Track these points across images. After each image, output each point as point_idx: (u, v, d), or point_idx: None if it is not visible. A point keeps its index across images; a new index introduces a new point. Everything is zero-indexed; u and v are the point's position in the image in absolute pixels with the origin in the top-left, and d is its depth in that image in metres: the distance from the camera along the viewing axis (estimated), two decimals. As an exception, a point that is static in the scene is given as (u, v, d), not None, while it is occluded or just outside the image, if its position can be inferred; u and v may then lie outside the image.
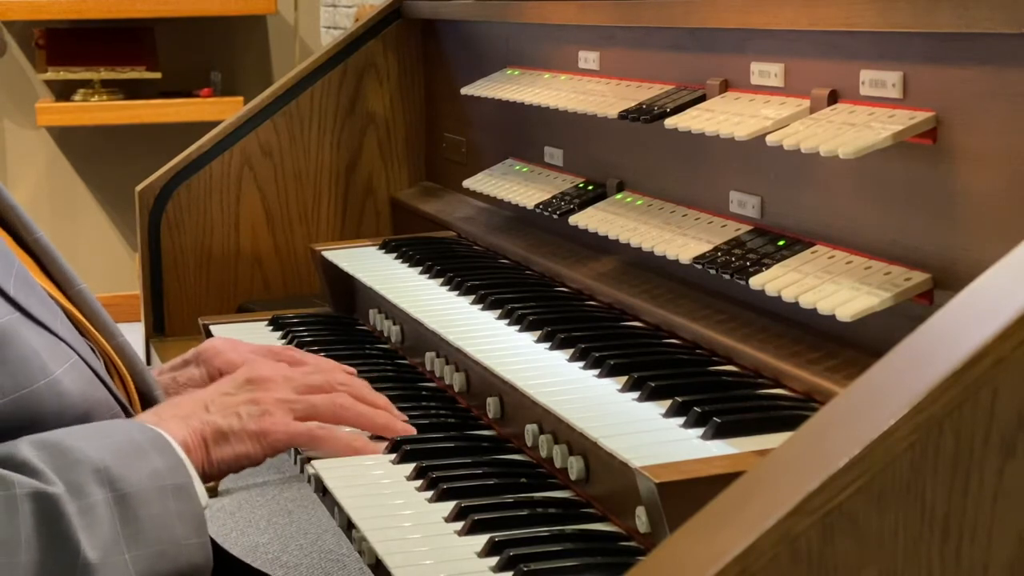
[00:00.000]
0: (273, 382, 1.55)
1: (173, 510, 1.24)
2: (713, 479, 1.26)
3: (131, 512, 1.20)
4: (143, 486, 1.23)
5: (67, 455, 1.19)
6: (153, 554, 1.20)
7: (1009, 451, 0.81)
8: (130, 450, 1.25)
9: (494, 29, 2.48)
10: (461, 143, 2.67)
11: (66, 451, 1.20)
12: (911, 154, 1.43)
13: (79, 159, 5.67)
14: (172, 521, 1.23)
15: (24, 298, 1.27)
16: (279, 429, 1.50)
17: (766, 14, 1.62)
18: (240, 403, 1.49)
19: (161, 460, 1.27)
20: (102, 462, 1.21)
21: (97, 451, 1.22)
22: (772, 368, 1.54)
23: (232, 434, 1.45)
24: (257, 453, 1.48)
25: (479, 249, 2.35)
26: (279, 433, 1.50)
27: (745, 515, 0.78)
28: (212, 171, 2.68)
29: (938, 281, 1.40)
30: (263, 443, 1.48)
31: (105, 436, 1.26)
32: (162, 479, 1.25)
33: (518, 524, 1.40)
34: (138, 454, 1.25)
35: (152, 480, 1.24)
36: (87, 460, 1.20)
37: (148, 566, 1.19)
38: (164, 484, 1.25)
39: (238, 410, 1.48)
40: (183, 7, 5.35)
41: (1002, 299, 0.82)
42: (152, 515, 1.22)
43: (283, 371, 1.59)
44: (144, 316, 2.68)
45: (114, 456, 1.22)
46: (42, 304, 1.30)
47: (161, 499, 1.24)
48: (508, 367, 1.66)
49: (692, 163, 1.86)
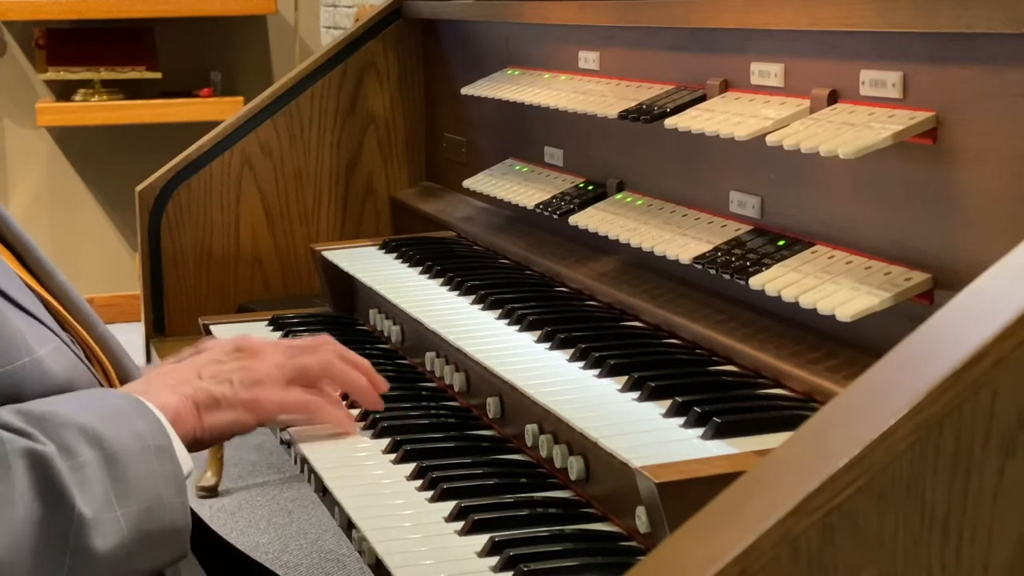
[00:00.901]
0: (263, 351, 1.57)
1: (157, 470, 1.26)
2: (713, 479, 1.26)
3: (119, 471, 1.22)
4: (128, 446, 1.24)
5: (52, 418, 1.21)
6: (141, 511, 1.22)
7: (1009, 451, 0.81)
8: (111, 413, 1.27)
9: (494, 29, 2.48)
10: (461, 143, 2.67)
11: (51, 415, 1.21)
12: (911, 154, 1.43)
13: (79, 159, 5.67)
14: (156, 480, 1.25)
15: (5, 284, 1.28)
16: (271, 398, 1.52)
17: (766, 14, 1.62)
18: (232, 370, 1.51)
19: (142, 423, 1.29)
20: (88, 423, 1.22)
21: (81, 413, 1.23)
22: (772, 368, 1.54)
23: (224, 400, 1.47)
24: (249, 421, 1.50)
25: (479, 249, 2.35)
26: (271, 402, 1.52)
27: (745, 515, 0.78)
28: (212, 171, 2.68)
29: (938, 281, 1.40)
30: (255, 411, 1.50)
31: (86, 401, 1.28)
32: (145, 440, 1.27)
33: (518, 524, 1.40)
34: (120, 416, 1.27)
35: (136, 441, 1.26)
36: (73, 422, 1.22)
37: (136, 522, 1.21)
38: (147, 445, 1.26)
39: (230, 377, 1.49)
40: (183, 7, 5.35)
41: (1002, 299, 0.82)
42: (138, 474, 1.23)
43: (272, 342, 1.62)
44: (144, 316, 2.68)
45: (98, 418, 1.24)
46: (21, 291, 1.30)
47: (145, 459, 1.25)
48: (508, 367, 1.66)
49: (692, 163, 1.86)
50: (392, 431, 1.67)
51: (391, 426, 1.68)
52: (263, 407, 1.51)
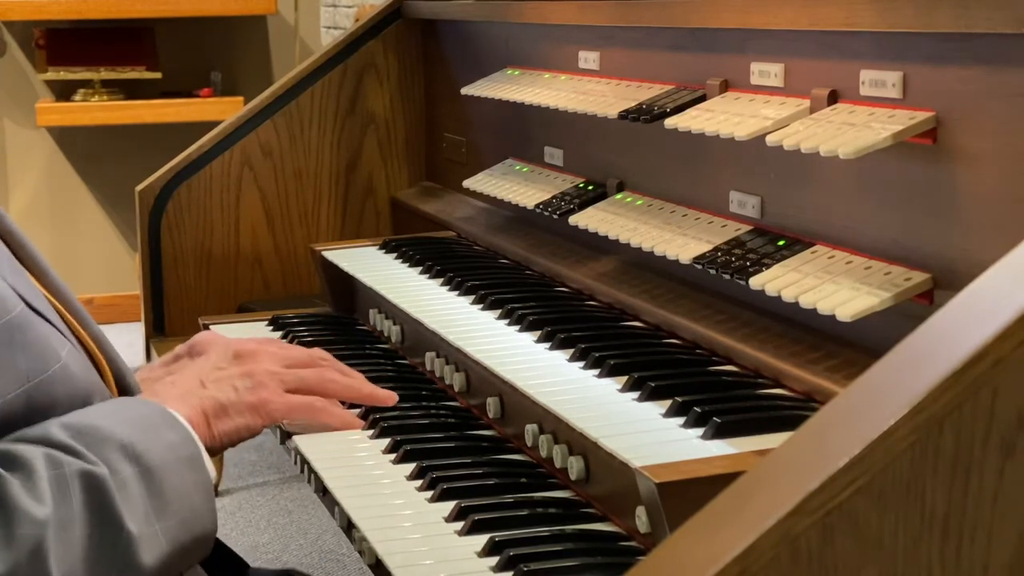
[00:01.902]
0: (261, 355, 1.60)
1: (189, 481, 1.29)
2: (713, 479, 1.26)
3: (156, 485, 1.24)
4: (163, 459, 1.27)
5: (95, 433, 1.23)
6: (177, 524, 1.24)
7: (1009, 451, 0.81)
8: (146, 425, 1.29)
9: (494, 29, 2.48)
10: (461, 143, 2.67)
11: (92, 429, 1.23)
12: (911, 154, 1.43)
13: (79, 159, 5.66)
14: (189, 491, 1.28)
15: (23, 289, 1.28)
16: (276, 400, 1.55)
17: (766, 14, 1.62)
18: (234, 376, 1.54)
19: (173, 434, 1.31)
20: (127, 438, 1.24)
21: (120, 428, 1.25)
22: (772, 368, 1.54)
23: (231, 406, 1.50)
24: (256, 424, 1.53)
25: (479, 249, 2.35)
26: (277, 403, 1.55)
27: (745, 515, 0.78)
28: (212, 171, 2.68)
29: (938, 281, 1.40)
30: (261, 413, 1.53)
31: (121, 413, 1.29)
32: (177, 451, 1.29)
33: (518, 524, 1.40)
34: (153, 428, 1.29)
35: (170, 453, 1.28)
36: (113, 437, 1.23)
37: (174, 536, 1.24)
38: (180, 456, 1.29)
39: (233, 383, 1.53)
40: (183, 7, 5.35)
41: (1002, 299, 0.82)
42: (174, 486, 1.26)
43: (267, 347, 1.64)
44: (144, 316, 2.68)
45: (134, 432, 1.26)
46: (32, 291, 1.30)
47: (179, 471, 1.28)
48: (508, 367, 1.66)
49: (692, 163, 1.86)
50: (392, 431, 1.67)
51: (391, 426, 1.68)
52: (269, 410, 1.54)
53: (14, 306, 1.21)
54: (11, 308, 1.21)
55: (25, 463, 1.17)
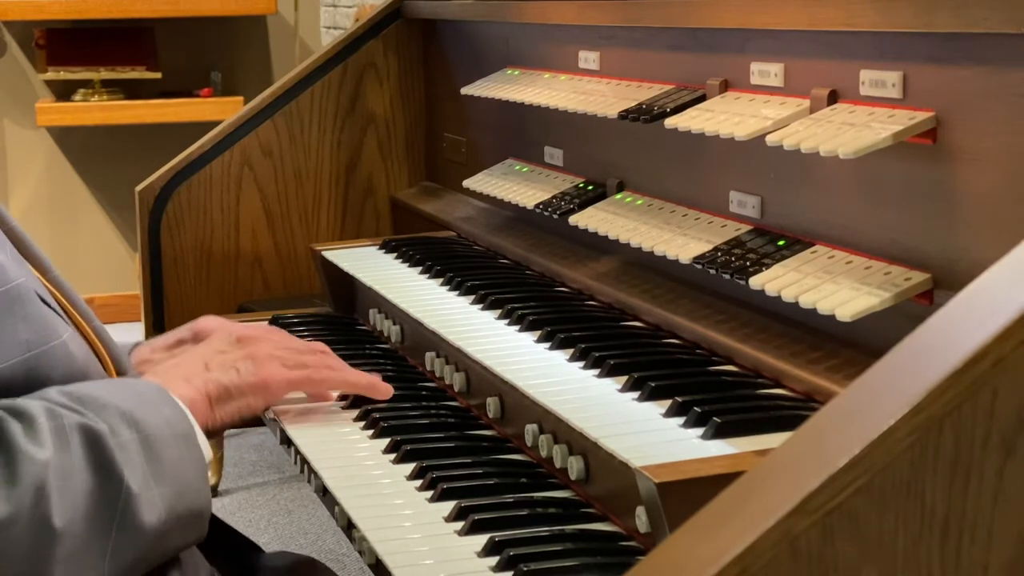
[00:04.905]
0: (262, 340, 1.65)
1: (185, 455, 1.31)
2: (713, 479, 1.26)
3: (154, 453, 1.26)
4: (160, 430, 1.29)
5: (94, 400, 1.25)
6: (173, 493, 1.27)
7: (1009, 451, 0.81)
8: (143, 400, 1.32)
9: (494, 29, 2.48)
10: (461, 143, 2.67)
11: (91, 398, 1.25)
12: (911, 154, 1.43)
13: (79, 159, 5.67)
14: (185, 465, 1.30)
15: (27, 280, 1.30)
16: (277, 377, 1.61)
17: (766, 14, 1.62)
18: (237, 359, 1.59)
19: (169, 410, 1.34)
20: (126, 406, 1.27)
21: (118, 398, 1.28)
22: (772, 368, 1.54)
23: (234, 388, 1.55)
24: (258, 404, 1.58)
25: (479, 249, 2.35)
26: (278, 381, 1.61)
27: (745, 515, 0.78)
28: (212, 171, 2.68)
29: (938, 281, 1.40)
30: (264, 393, 1.59)
31: (118, 387, 1.33)
32: (173, 426, 1.32)
33: (518, 524, 1.40)
34: (150, 403, 1.32)
35: (166, 427, 1.31)
36: (112, 404, 1.26)
37: (171, 503, 1.26)
38: (176, 432, 1.32)
39: (236, 365, 1.58)
40: (183, 7, 5.35)
41: (1002, 299, 0.82)
42: (170, 457, 1.28)
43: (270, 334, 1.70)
44: (144, 316, 2.68)
45: (132, 403, 1.29)
46: (34, 282, 1.32)
47: (175, 444, 1.30)
48: (508, 367, 1.66)
49: (692, 163, 1.86)
50: (392, 431, 1.67)
51: (391, 426, 1.68)
52: (271, 387, 1.59)
53: (15, 277, 1.24)
54: (12, 278, 1.24)
55: (24, 412, 1.19)
